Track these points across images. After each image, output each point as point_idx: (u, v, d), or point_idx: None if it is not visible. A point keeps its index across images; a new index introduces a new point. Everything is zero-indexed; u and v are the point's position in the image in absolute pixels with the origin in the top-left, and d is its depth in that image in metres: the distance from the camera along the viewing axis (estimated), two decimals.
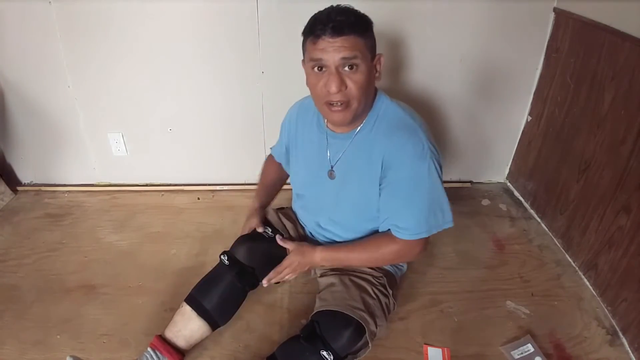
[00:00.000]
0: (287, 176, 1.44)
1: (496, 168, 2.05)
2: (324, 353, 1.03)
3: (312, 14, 0.99)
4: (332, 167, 1.16)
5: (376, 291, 1.18)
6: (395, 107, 1.10)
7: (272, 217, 1.34)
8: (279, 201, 1.51)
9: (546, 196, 1.75)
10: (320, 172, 1.19)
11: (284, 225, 1.32)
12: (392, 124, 1.07)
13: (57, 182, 2.01)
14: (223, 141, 1.91)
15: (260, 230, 1.23)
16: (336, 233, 1.26)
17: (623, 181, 1.30)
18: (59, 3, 1.57)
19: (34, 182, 2.02)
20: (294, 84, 1.66)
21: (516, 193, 1.98)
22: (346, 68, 0.96)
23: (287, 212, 1.39)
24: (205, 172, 1.99)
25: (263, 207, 1.34)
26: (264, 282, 1.19)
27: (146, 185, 2.01)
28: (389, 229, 1.12)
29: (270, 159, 1.46)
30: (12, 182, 1.98)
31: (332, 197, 1.19)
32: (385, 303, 1.18)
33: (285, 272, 1.19)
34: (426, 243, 1.13)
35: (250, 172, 1.98)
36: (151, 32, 1.64)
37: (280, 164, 1.42)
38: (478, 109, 1.85)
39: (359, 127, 1.10)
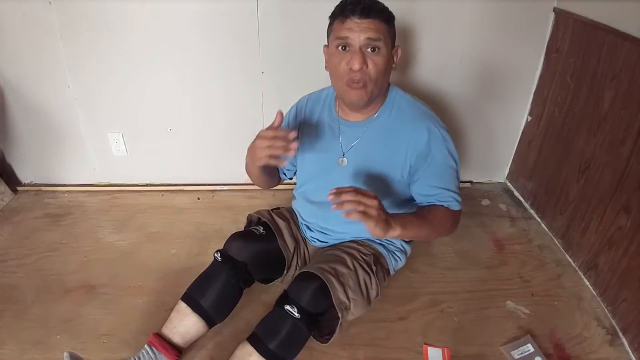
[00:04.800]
0: (274, 184, 1.37)
1: (496, 168, 2.05)
2: (288, 307, 1.06)
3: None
4: (343, 154, 1.19)
5: (355, 264, 1.19)
6: (408, 97, 1.18)
7: (266, 215, 1.34)
8: (278, 201, 1.52)
9: (546, 196, 1.75)
10: (330, 159, 1.21)
11: (277, 225, 1.32)
12: (412, 112, 1.15)
13: (57, 182, 2.01)
14: (223, 141, 1.91)
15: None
16: (337, 230, 1.28)
17: (623, 181, 1.30)
18: (59, 3, 1.57)
19: (34, 182, 2.02)
20: (294, 84, 1.67)
21: (516, 193, 1.98)
22: (369, 49, 1.02)
23: (281, 211, 1.40)
24: (205, 172, 1.99)
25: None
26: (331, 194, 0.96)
27: (146, 185, 2.01)
28: (441, 204, 1.15)
29: None
30: (12, 182, 1.98)
31: (343, 184, 1.19)
32: (365, 280, 1.19)
33: (368, 203, 0.94)
34: None
35: None
36: (151, 32, 1.64)
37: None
38: (478, 109, 1.85)
39: (375, 115, 1.15)
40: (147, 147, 1.92)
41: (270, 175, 1.29)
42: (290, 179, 1.40)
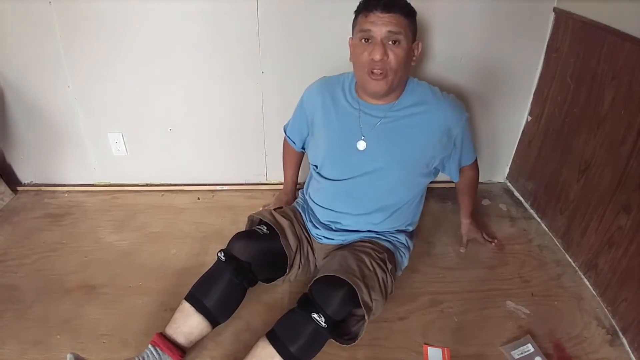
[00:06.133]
0: (302, 155, 1.59)
1: (496, 168, 2.04)
2: (315, 315, 1.05)
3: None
4: (362, 137, 1.23)
5: (374, 264, 1.20)
6: (425, 83, 1.29)
7: (267, 216, 1.34)
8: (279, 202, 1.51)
9: (546, 196, 1.75)
10: (348, 141, 1.25)
11: (280, 224, 1.32)
12: (433, 96, 1.25)
13: (57, 182, 2.01)
14: (223, 141, 1.91)
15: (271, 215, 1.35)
16: (345, 211, 1.31)
17: (623, 181, 1.30)
18: (59, 3, 1.57)
19: (34, 182, 2.02)
20: (294, 84, 1.67)
21: (516, 193, 1.98)
22: (390, 42, 1.09)
23: (284, 210, 1.40)
24: (205, 172, 1.99)
25: (290, 200, 1.59)
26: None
27: (146, 185, 2.01)
28: (461, 169, 1.40)
29: (286, 142, 1.57)
30: (12, 182, 1.98)
31: (361, 166, 1.25)
32: (383, 279, 1.20)
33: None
34: None
35: (251, 172, 1.99)
36: (151, 32, 1.64)
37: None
38: (478, 109, 1.85)
39: (396, 101, 1.21)
40: (147, 147, 1.92)
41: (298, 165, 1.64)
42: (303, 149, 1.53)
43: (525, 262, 1.59)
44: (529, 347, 1.24)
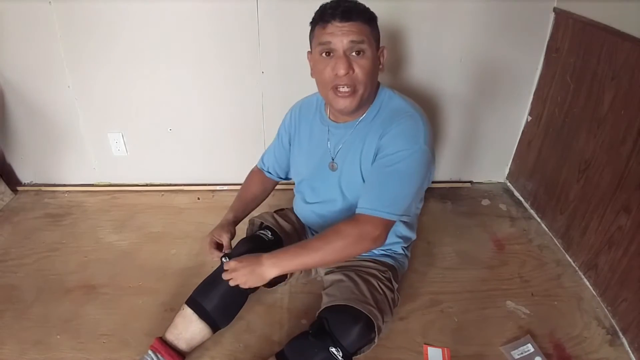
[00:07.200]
0: (270, 190, 1.42)
1: (496, 168, 2.05)
2: (333, 350, 1.02)
3: (312, 14, 1.02)
4: (333, 159, 1.17)
5: (382, 286, 1.18)
6: (398, 98, 1.12)
7: (269, 219, 1.33)
8: (278, 201, 1.51)
9: (546, 196, 1.75)
10: (321, 164, 1.20)
11: (284, 228, 1.31)
12: (394, 112, 1.08)
13: (57, 182, 2.01)
14: (223, 141, 1.91)
15: (218, 257, 1.17)
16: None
17: (623, 181, 1.30)
18: (59, 3, 1.58)
19: (34, 182, 2.02)
20: (294, 84, 1.67)
21: (516, 193, 1.98)
22: (354, 53, 0.99)
23: (286, 213, 1.39)
24: (205, 172, 1.99)
25: (236, 222, 1.29)
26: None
27: (146, 185, 2.01)
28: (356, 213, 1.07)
29: (254, 172, 1.43)
30: (12, 182, 1.98)
31: (335, 188, 1.19)
32: (391, 298, 1.18)
33: (229, 274, 1.07)
34: (385, 230, 1.04)
35: None
36: (151, 32, 1.64)
37: (264, 177, 1.40)
38: (478, 109, 1.85)
39: (361, 117, 1.12)
40: (147, 147, 1.92)
41: (257, 201, 1.39)
42: (289, 179, 1.40)
43: (525, 262, 1.59)
44: (529, 347, 1.24)
